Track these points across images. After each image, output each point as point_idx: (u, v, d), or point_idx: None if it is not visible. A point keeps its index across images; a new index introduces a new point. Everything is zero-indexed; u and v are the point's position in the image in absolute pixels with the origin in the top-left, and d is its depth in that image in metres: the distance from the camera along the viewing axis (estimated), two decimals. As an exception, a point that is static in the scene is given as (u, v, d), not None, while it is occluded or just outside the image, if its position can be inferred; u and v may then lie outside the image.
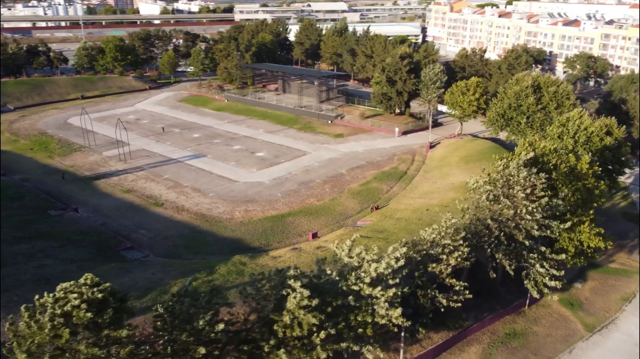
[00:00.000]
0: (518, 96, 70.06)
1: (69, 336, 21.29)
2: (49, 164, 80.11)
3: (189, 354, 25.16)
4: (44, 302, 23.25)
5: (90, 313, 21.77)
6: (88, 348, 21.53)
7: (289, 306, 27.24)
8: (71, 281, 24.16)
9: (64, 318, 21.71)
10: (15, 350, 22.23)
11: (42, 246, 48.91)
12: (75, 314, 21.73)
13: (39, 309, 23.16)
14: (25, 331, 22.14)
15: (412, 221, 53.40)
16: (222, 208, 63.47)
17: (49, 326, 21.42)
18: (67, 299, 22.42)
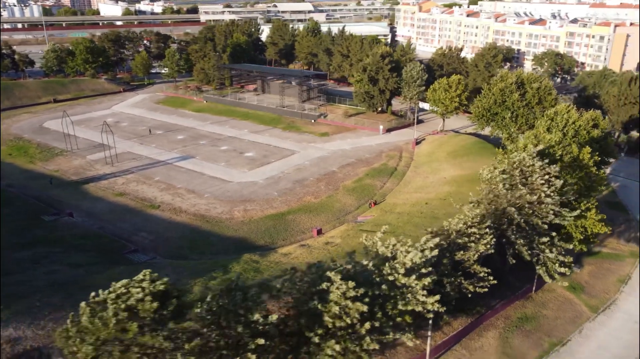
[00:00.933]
0: (503, 92, 72.66)
1: (136, 329, 21.31)
2: (32, 169, 77.70)
3: (242, 347, 25.47)
4: (102, 299, 23.17)
5: (156, 303, 21.88)
6: (154, 339, 21.59)
7: (333, 297, 27.88)
8: (127, 279, 24.06)
9: (129, 312, 21.72)
10: (78, 346, 22.11)
11: (46, 252, 47.76)
12: (141, 307, 21.79)
13: (96, 307, 23.05)
14: (88, 327, 22.02)
15: (415, 215, 54.80)
16: (220, 208, 63.29)
17: (114, 321, 21.39)
18: (130, 293, 22.41)
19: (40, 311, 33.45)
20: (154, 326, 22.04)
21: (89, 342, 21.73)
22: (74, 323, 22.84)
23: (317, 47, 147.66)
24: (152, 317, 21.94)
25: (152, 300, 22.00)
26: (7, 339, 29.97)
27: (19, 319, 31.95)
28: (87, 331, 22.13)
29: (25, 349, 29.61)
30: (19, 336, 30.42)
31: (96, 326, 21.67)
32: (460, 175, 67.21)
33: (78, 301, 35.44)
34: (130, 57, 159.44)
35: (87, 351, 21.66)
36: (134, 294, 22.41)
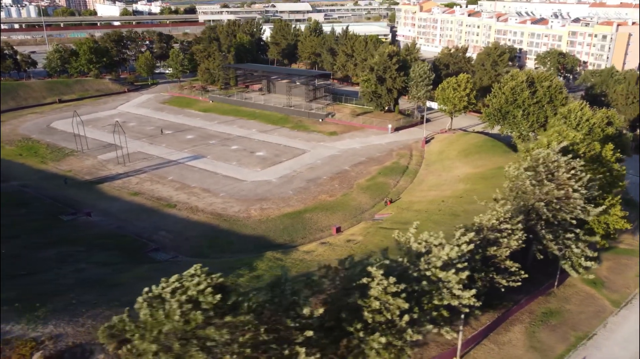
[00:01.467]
0: (514, 91, 73.31)
1: (201, 320, 21.65)
2: (45, 169, 77.72)
3: (288, 341, 25.86)
4: (157, 294, 23.45)
5: (219, 295, 22.26)
6: (217, 332, 21.94)
7: (374, 292, 28.32)
8: (178, 274, 24.36)
9: (192, 304, 22.08)
10: (137, 341, 22.42)
11: (70, 251, 47.96)
12: (203, 299, 22.13)
13: (153, 301, 23.33)
14: (149, 321, 22.33)
15: (433, 213, 55.32)
16: (236, 207, 63.61)
17: (179, 313, 21.71)
18: (187, 286, 22.75)
19: (77, 309, 33.72)
20: (215, 320, 22.39)
21: (150, 337, 22.00)
22: (131, 319, 23.07)
23: (321, 46, 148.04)
24: (212, 309, 22.28)
25: (213, 292, 22.34)
26: (49, 336, 30.24)
27: (57, 317, 32.21)
28: (147, 326, 22.40)
29: (68, 345, 29.87)
30: (60, 333, 30.68)
31: (158, 319, 21.95)
32: (474, 172, 67.81)
33: (112, 299, 36.01)
34: (133, 58, 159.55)
35: (147, 347, 21.92)
36: (191, 287, 22.72)
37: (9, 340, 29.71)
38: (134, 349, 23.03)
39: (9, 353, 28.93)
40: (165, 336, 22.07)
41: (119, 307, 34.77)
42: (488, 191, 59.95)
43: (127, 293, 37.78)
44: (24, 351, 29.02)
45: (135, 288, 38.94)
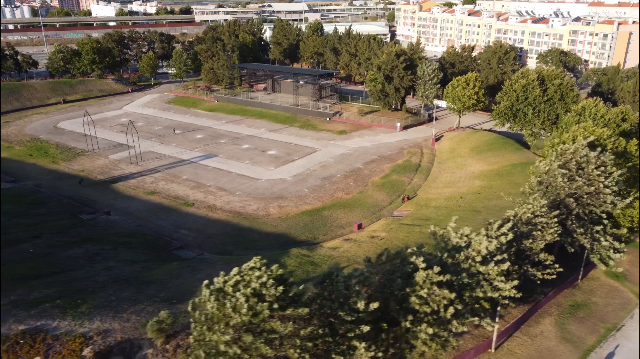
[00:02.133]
0: (525, 89, 74.11)
1: (267, 312, 21.98)
2: (57, 169, 77.53)
3: (343, 335, 26.27)
4: (219, 287, 23.72)
5: (281, 287, 22.61)
6: (282, 324, 22.29)
7: (419, 280, 28.81)
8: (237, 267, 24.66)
9: (257, 297, 22.42)
10: (206, 333, 22.72)
11: (96, 250, 48.02)
12: (266, 291, 22.47)
13: (217, 294, 23.60)
14: (216, 313, 22.63)
15: (453, 209, 55.89)
16: (254, 205, 63.89)
17: (246, 306, 22.03)
18: (250, 280, 23.08)
19: (119, 305, 33.91)
20: (279, 311, 22.73)
21: (219, 329, 22.32)
22: (199, 311, 23.38)
23: (324, 46, 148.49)
24: (276, 302, 22.62)
25: (276, 284, 22.70)
26: (96, 332, 30.43)
27: (102, 313, 32.40)
28: (214, 318, 22.71)
29: (116, 341, 30.08)
30: (107, 329, 30.88)
31: (225, 312, 22.26)
32: (488, 169, 68.50)
33: (149, 295, 36.24)
34: (134, 58, 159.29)
35: (219, 338, 22.20)
36: (253, 279, 23.04)
37: (57, 336, 29.89)
38: (202, 340, 23.30)
39: (59, 348, 29.09)
40: (234, 328, 22.38)
41: (159, 303, 35.14)
42: (505, 187, 60.85)
43: (162, 290, 38.10)
44: (73, 347, 29.21)
45: (170, 285, 39.45)
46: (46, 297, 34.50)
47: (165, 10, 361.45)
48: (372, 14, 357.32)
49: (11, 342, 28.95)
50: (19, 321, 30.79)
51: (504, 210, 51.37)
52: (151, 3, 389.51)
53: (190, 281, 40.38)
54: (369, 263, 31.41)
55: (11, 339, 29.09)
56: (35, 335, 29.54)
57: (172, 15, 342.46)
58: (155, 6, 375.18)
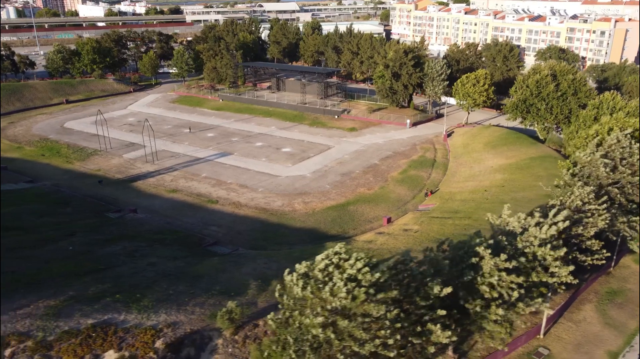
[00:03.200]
0: (538, 84, 75.46)
1: (364, 296, 22.46)
2: (72, 169, 76.96)
3: (416, 319, 26.86)
4: (303, 273, 24.13)
5: (377, 274, 23.11)
6: (376, 307, 22.78)
7: (486, 269, 29.55)
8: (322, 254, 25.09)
9: (355, 282, 22.90)
10: (297, 317, 23.10)
11: (133, 247, 47.97)
12: (362, 277, 22.96)
13: (305, 279, 23.99)
14: (310, 297, 23.03)
15: (481, 202, 56.80)
16: (278, 201, 64.19)
17: (345, 289, 22.47)
18: (344, 266, 23.54)
19: (179, 298, 34.07)
20: (374, 295, 23.22)
21: (312, 312, 22.73)
22: (287, 296, 23.78)
23: (324, 45, 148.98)
24: (370, 286, 23.11)
25: (370, 270, 23.20)
26: (166, 324, 30.60)
27: (165, 306, 32.55)
28: (307, 302, 23.10)
29: (186, 332, 30.28)
30: (174, 321, 31.07)
31: (323, 296, 22.67)
32: (507, 163, 69.61)
33: (205, 289, 36.50)
34: (132, 58, 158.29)
35: (312, 321, 22.60)
36: (347, 266, 23.52)
37: (128, 329, 29.99)
38: (291, 324, 23.70)
39: (131, 341, 29.20)
40: (329, 312, 22.82)
41: (217, 296, 35.37)
42: (527, 180, 62.04)
43: (215, 283, 38.28)
44: (145, 339, 29.34)
45: (220, 279, 39.72)
46: (103, 292, 34.52)
47: (155, 10, 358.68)
48: (362, 13, 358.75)
49: (83, 335, 28.99)
50: (86, 315, 30.82)
51: (533, 202, 52.65)
52: (140, 3, 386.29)
53: (238, 275, 40.66)
54: (430, 252, 32.06)
55: (83, 333, 29.13)
56: (106, 328, 29.63)
57: (163, 15, 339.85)
58: (145, 6, 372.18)
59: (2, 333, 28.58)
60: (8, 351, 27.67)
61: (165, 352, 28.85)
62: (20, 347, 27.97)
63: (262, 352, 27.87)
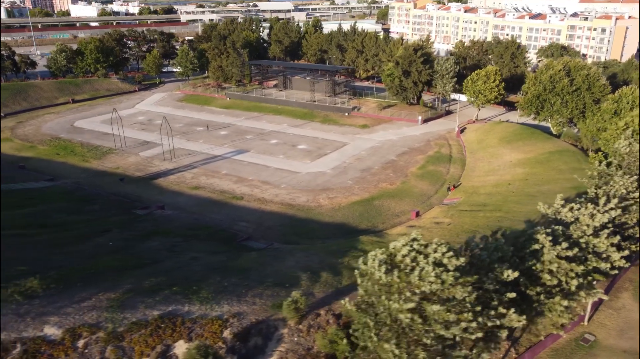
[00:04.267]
0: (552, 79, 76.62)
1: (452, 280, 23.02)
2: (90, 167, 76.71)
3: (488, 303, 27.47)
4: (382, 259, 24.62)
5: (463, 258, 23.70)
6: (462, 289, 23.33)
7: (547, 257, 30.26)
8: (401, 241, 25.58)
9: (442, 266, 23.46)
10: (382, 302, 23.57)
11: (170, 242, 48.13)
12: (447, 261, 23.52)
13: (388, 266, 24.47)
14: (396, 282, 23.52)
15: (508, 195, 57.65)
16: (303, 197, 64.58)
17: (433, 274, 23.00)
18: (427, 252, 24.08)
19: (236, 290, 34.32)
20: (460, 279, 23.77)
21: (402, 298, 23.22)
22: (369, 281, 24.24)
23: (328, 43, 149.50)
24: (456, 270, 23.67)
25: (454, 255, 23.76)
26: (231, 315, 30.88)
27: (225, 298, 32.79)
28: (392, 288, 23.58)
29: (252, 322, 30.59)
30: (238, 312, 31.36)
31: (411, 281, 23.15)
32: (525, 158, 70.62)
33: (258, 281, 36.87)
34: (134, 57, 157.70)
35: (401, 306, 23.08)
36: (430, 252, 24.06)
37: (194, 319, 30.22)
38: (379, 308, 24.16)
39: (199, 331, 29.45)
40: (418, 296, 23.34)
41: (273, 287, 35.65)
42: (550, 173, 63.08)
43: (266, 276, 38.53)
44: (213, 329, 29.61)
45: (267, 271, 40.12)
46: (158, 285, 34.67)
47: (148, 10, 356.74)
48: (357, 12, 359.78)
49: (152, 326, 29.18)
50: (150, 307, 30.99)
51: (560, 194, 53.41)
52: (133, 3, 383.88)
53: (283, 268, 40.97)
54: (492, 239, 32.69)
55: (152, 324, 29.32)
56: (173, 319, 29.86)
57: (158, 15, 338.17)
58: (138, 6, 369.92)
59: (74, 324, 28.72)
60: (81, 342, 27.83)
61: (233, 341, 29.15)
62: (93, 338, 28.13)
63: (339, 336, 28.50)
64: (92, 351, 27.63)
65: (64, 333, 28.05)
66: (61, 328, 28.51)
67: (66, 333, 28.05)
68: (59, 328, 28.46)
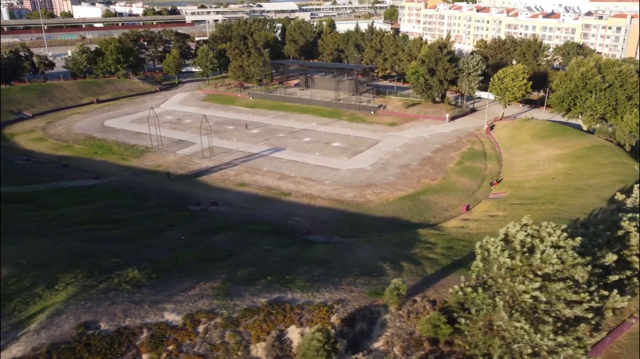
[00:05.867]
0: (584, 76, 78.17)
1: (572, 260, 24.31)
2: (131, 166, 77.70)
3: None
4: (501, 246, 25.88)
5: (579, 238, 25.00)
6: (582, 269, 24.60)
7: (633, 242, 31.67)
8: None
9: (558, 248, 24.75)
10: (507, 284, 24.84)
11: (238, 236, 49.26)
12: (564, 243, 24.81)
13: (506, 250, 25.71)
14: (518, 265, 24.80)
15: (556, 189, 58.93)
16: (350, 193, 65.80)
17: (555, 256, 24.29)
18: (543, 235, 25.36)
19: (328, 279, 35.52)
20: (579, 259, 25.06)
21: (530, 279, 24.50)
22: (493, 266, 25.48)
23: (345, 42, 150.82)
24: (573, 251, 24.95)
25: (569, 237, 25.07)
26: (334, 301, 32.10)
27: (323, 286, 33.97)
28: (515, 271, 24.86)
29: (355, 308, 31.80)
30: (339, 299, 32.56)
31: (531, 263, 24.44)
32: (563, 153, 72.06)
33: (344, 271, 38.04)
34: (150, 57, 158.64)
35: (527, 287, 24.36)
36: (544, 234, 25.35)
37: (301, 306, 31.41)
38: (502, 289, 25.46)
39: (308, 316, 30.63)
40: (542, 278, 24.65)
41: (362, 276, 36.84)
42: (592, 168, 64.51)
43: (348, 266, 39.57)
44: (322, 314, 30.79)
45: (347, 261, 41.48)
46: (251, 275, 35.83)
47: (152, 11, 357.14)
48: (361, 12, 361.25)
49: (264, 312, 30.35)
50: (255, 294, 32.14)
51: (608, 187, 55.08)
52: (136, 4, 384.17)
53: (358, 259, 42.12)
54: (582, 226, 34.03)
55: (263, 310, 30.49)
56: (282, 305, 31.05)
57: (163, 16, 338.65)
58: (142, 7, 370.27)
59: (190, 311, 29.86)
60: (201, 328, 28.95)
61: (341, 327, 30.35)
62: (211, 323, 29.27)
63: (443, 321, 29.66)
64: (212, 336, 28.79)
65: (184, 319, 29.21)
66: (180, 314, 29.67)
67: (186, 319, 29.21)
68: (177, 314, 29.62)
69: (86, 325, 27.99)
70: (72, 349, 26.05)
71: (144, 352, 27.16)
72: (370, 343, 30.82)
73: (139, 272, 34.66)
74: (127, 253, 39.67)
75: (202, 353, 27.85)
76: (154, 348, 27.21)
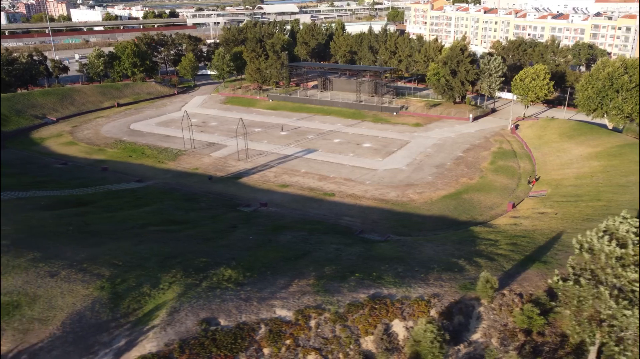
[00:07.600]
0: (611, 76, 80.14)
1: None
2: (169, 168, 78.56)
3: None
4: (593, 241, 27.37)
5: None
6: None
7: None
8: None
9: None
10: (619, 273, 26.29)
11: (301, 236, 50.40)
12: None
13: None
14: (630, 255, 26.30)
15: (597, 186, 60.64)
16: (392, 192, 67.14)
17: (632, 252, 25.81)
18: (617, 230, 26.88)
19: (414, 275, 36.83)
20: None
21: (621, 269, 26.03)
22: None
23: (358, 44, 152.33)
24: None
25: None
26: (430, 296, 33.42)
27: (412, 282, 35.27)
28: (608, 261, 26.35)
29: (451, 302, 33.16)
30: (434, 293, 33.90)
31: (625, 254, 25.96)
32: (595, 152, 73.86)
33: (424, 267, 39.36)
34: (163, 61, 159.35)
35: (628, 274, 25.86)
36: (619, 229, 26.88)
37: (401, 301, 32.68)
38: (607, 281, 26.96)
39: (409, 310, 31.91)
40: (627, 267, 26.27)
41: (441, 272, 38.16)
42: (629, 165, 66.28)
43: (424, 262, 40.89)
44: (421, 308, 32.08)
45: (420, 258, 42.86)
46: (338, 272, 37.07)
47: (153, 14, 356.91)
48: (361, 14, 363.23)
49: (368, 307, 31.62)
50: (353, 290, 33.36)
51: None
52: (136, 7, 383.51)
53: (431, 255, 43.50)
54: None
55: (366, 305, 31.74)
56: (384, 300, 32.34)
57: (164, 19, 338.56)
58: (142, 10, 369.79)
59: (298, 307, 31.04)
60: (313, 322, 30.17)
61: (440, 320, 31.69)
62: (322, 318, 30.50)
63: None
64: (324, 330, 30.03)
65: (296, 315, 30.44)
66: (290, 310, 30.89)
67: (297, 315, 30.45)
68: (288, 310, 30.84)
69: (207, 321, 29.15)
70: (201, 345, 27.17)
71: (264, 346, 28.35)
72: (469, 334, 32.21)
73: (233, 271, 35.80)
74: (209, 253, 40.74)
75: (318, 347, 29.08)
76: (273, 343, 28.41)
